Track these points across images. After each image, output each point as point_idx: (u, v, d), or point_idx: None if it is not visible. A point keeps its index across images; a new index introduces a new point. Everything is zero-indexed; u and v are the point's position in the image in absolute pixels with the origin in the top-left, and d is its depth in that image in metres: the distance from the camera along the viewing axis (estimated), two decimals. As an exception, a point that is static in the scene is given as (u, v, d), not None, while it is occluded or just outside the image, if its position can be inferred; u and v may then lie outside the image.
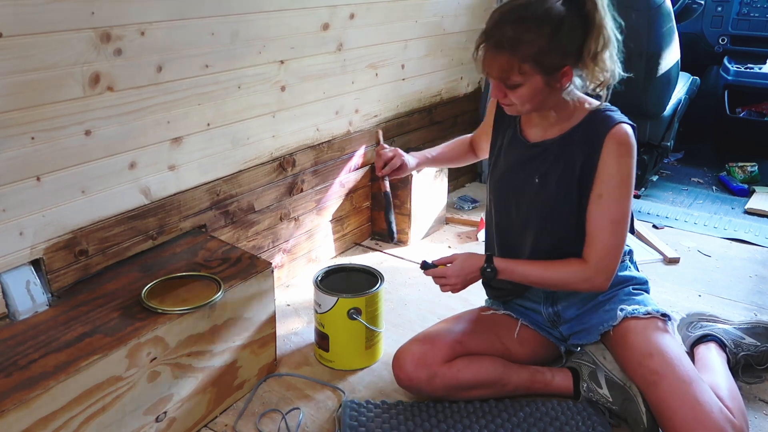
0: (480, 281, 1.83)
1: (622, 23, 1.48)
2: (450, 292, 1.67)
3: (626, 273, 1.73)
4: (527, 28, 1.40)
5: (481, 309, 1.84)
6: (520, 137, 1.68)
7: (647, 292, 1.75)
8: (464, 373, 1.66)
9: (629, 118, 1.55)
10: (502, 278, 1.63)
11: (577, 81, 1.53)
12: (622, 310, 1.64)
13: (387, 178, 1.84)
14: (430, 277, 1.69)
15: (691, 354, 1.85)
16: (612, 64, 1.47)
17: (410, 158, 1.89)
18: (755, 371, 1.85)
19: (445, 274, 1.64)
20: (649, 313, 1.63)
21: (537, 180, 1.63)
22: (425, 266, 1.67)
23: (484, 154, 1.93)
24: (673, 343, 1.58)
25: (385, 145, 1.87)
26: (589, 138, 1.55)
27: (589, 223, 1.59)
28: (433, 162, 1.99)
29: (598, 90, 1.52)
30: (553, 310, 1.76)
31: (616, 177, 1.54)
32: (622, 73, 1.51)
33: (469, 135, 2.01)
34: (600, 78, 1.48)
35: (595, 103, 1.59)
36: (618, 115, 1.57)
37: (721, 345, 1.82)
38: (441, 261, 1.67)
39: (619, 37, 1.48)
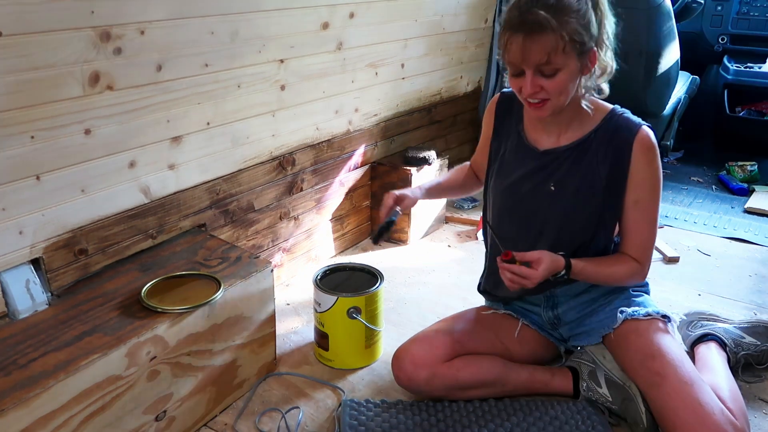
0: (477, 288, 1.85)
1: (618, 16, 1.51)
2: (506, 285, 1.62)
3: None
4: (560, 9, 1.39)
5: (481, 308, 1.84)
6: (527, 145, 1.66)
7: (647, 293, 1.75)
8: (464, 372, 1.66)
9: None
10: (572, 278, 1.61)
11: (583, 79, 1.53)
12: (622, 312, 1.64)
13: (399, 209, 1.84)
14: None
15: (691, 353, 1.85)
16: (611, 54, 1.51)
17: (414, 190, 1.89)
18: (755, 370, 1.85)
19: (530, 277, 1.52)
20: (649, 315, 1.63)
21: (553, 188, 1.61)
22: (510, 260, 1.55)
23: (483, 173, 1.90)
24: (674, 345, 1.58)
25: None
26: (613, 144, 1.55)
27: (628, 227, 1.62)
28: (436, 191, 1.98)
29: (601, 81, 1.53)
30: (554, 314, 1.75)
31: (650, 181, 1.57)
32: (616, 66, 1.53)
33: (467, 162, 1.98)
34: (606, 68, 1.51)
35: (605, 105, 1.59)
36: (634, 117, 1.58)
37: (722, 344, 1.82)
38: (525, 257, 1.55)
39: (614, 27, 1.51)
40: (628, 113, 1.59)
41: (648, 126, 1.56)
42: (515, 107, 1.71)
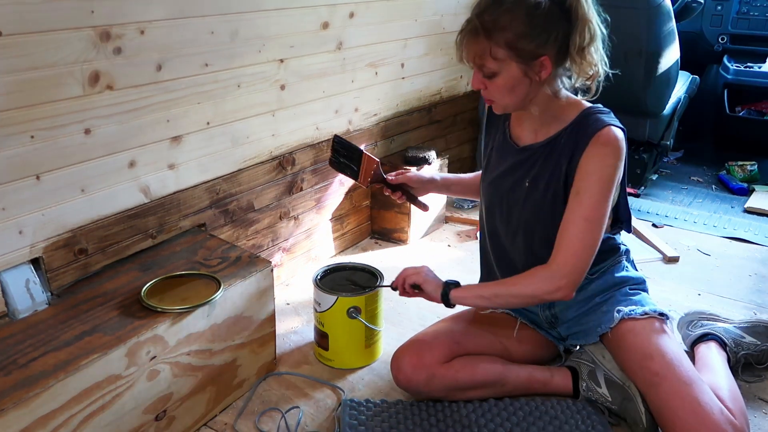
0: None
1: (608, 18, 1.49)
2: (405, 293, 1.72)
3: (623, 273, 1.72)
4: (502, 13, 1.41)
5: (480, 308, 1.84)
6: (509, 141, 1.67)
7: (645, 291, 1.75)
8: (463, 373, 1.66)
9: (629, 118, 1.54)
10: (459, 303, 1.64)
11: (565, 81, 1.53)
12: (619, 311, 1.64)
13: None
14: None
15: (691, 353, 1.85)
16: (599, 57, 1.48)
17: (426, 175, 1.90)
18: (755, 370, 1.85)
19: (404, 273, 1.70)
20: (646, 314, 1.62)
21: (527, 184, 1.62)
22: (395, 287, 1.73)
23: None
24: (672, 344, 1.58)
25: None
26: (575, 139, 1.53)
27: (563, 221, 1.54)
28: (451, 186, 1.97)
29: (587, 83, 1.52)
30: (551, 312, 1.75)
31: (596, 175, 1.50)
32: (608, 70, 1.51)
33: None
34: (588, 72, 1.49)
35: (583, 104, 1.58)
36: (609, 117, 1.54)
37: (722, 344, 1.82)
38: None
39: (605, 31, 1.49)
40: (607, 113, 1.56)
41: (620, 128, 1.52)
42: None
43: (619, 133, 1.51)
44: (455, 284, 1.64)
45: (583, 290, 1.70)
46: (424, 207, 1.87)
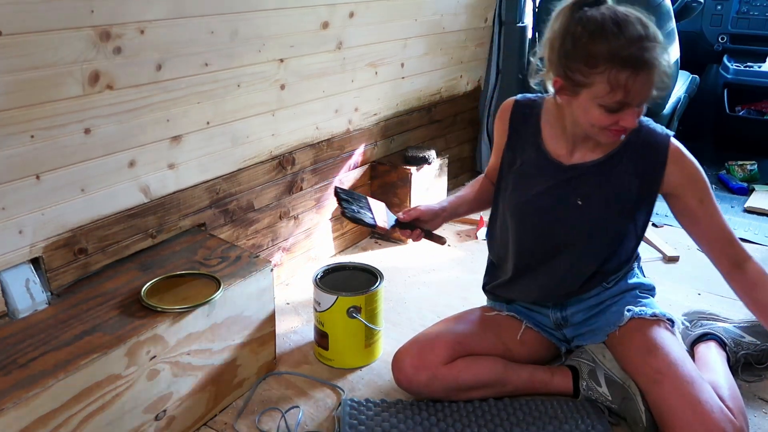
0: (482, 287, 1.84)
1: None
2: None
3: (635, 280, 1.74)
4: (656, 41, 1.37)
5: (484, 309, 1.83)
6: (549, 158, 1.62)
7: (653, 296, 1.77)
8: (464, 374, 1.66)
9: None
10: None
11: None
12: (629, 310, 1.65)
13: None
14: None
15: (691, 352, 1.85)
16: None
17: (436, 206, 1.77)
18: (755, 370, 1.85)
19: None
20: (655, 315, 1.64)
21: (580, 202, 1.59)
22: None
23: None
24: (675, 344, 1.59)
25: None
26: (646, 159, 1.55)
27: (710, 229, 1.60)
28: (458, 209, 1.83)
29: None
30: (561, 315, 1.75)
31: (698, 175, 1.56)
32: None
33: (482, 175, 1.91)
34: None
35: None
36: (658, 127, 1.58)
37: (721, 344, 1.82)
38: None
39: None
40: (650, 123, 1.58)
41: (672, 135, 1.56)
42: (532, 118, 1.67)
43: (675, 140, 1.57)
44: None
45: (597, 296, 1.70)
46: (441, 240, 1.75)
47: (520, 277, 1.74)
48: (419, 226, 1.71)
